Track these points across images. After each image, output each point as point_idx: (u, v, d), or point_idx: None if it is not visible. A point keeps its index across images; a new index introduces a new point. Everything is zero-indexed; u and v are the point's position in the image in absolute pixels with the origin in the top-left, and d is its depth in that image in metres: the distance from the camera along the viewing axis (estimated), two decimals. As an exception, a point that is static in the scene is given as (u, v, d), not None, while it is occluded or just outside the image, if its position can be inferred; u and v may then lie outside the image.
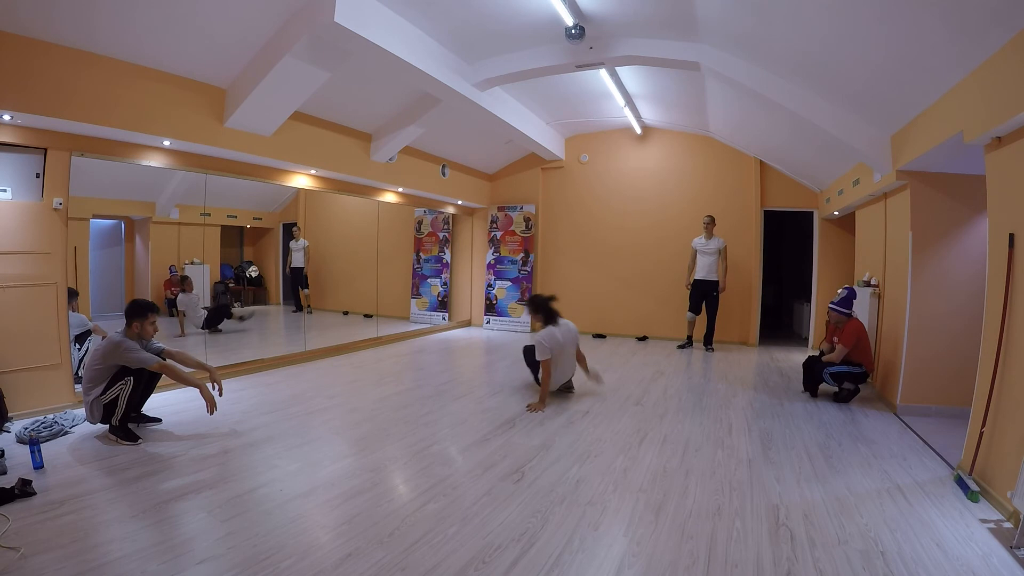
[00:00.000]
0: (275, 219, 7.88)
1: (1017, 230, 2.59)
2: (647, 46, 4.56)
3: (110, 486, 2.62)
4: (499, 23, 4.43)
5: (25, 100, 3.30)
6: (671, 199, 7.85)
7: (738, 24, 3.94)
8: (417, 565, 2.02)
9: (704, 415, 4.10)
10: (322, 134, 5.59)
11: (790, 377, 5.47)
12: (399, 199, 7.43)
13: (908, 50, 3.15)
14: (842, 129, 4.33)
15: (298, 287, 7.83)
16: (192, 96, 4.25)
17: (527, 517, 2.42)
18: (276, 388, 4.64)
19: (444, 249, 8.87)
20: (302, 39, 3.82)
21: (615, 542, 2.23)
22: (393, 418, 3.87)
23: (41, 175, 3.66)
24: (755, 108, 5.32)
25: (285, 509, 2.45)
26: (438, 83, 4.74)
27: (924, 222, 4.07)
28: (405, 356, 6.34)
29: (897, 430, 3.79)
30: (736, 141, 7.23)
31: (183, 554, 2.05)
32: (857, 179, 5.19)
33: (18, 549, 2.03)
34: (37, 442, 2.82)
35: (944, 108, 3.28)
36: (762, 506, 2.57)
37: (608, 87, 6.06)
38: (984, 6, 2.46)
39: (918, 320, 4.08)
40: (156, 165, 4.40)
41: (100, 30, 3.49)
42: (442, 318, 8.78)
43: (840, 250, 6.98)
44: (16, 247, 3.54)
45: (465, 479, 2.83)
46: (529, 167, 8.54)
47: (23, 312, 3.55)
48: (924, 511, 2.53)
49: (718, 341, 7.22)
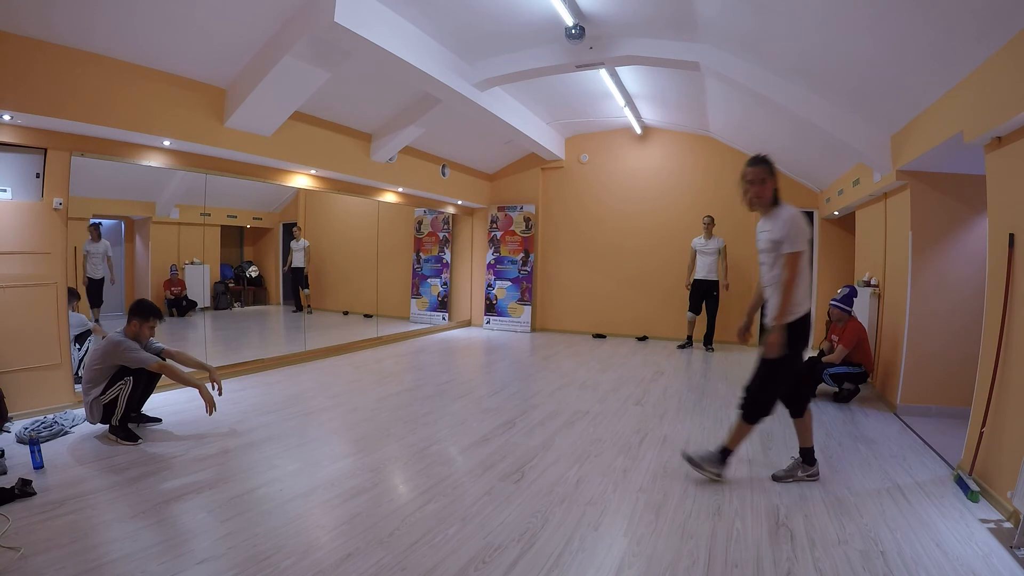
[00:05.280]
0: (275, 219, 7.88)
1: (1017, 230, 2.59)
2: (647, 46, 4.56)
3: (110, 486, 2.62)
4: (499, 23, 4.43)
5: (25, 100, 3.30)
6: (671, 199, 7.84)
7: (738, 24, 3.94)
8: (417, 565, 2.02)
9: (704, 415, 4.10)
10: (322, 134, 5.59)
11: (790, 377, 5.46)
12: (399, 199, 7.43)
13: (908, 50, 3.15)
14: (842, 129, 4.33)
15: (298, 287, 7.84)
16: (192, 96, 4.25)
17: (527, 517, 2.42)
18: (276, 388, 4.64)
19: (444, 249, 8.87)
20: (302, 39, 3.82)
21: (615, 542, 2.23)
22: (393, 418, 3.86)
23: (41, 175, 3.66)
24: (755, 108, 5.32)
25: (285, 509, 2.45)
26: (438, 83, 4.74)
27: (924, 222, 4.07)
28: (405, 356, 6.34)
29: (897, 430, 3.79)
30: (736, 141, 7.23)
31: (183, 554, 2.05)
32: (857, 179, 5.19)
33: (18, 549, 2.03)
34: (37, 442, 2.82)
35: (944, 108, 3.28)
36: (762, 506, 2.57)
37: (608, 87, 6.06)
38: (984, 6, 2.46)
39: (918, 320, 4.08)
40: (156, 165, 4.40)
41: (100, 30, 3.49)
42: (442, 318, 8.78)
43: (840, 250, 6.97)
44: (16, 247, 3.54)
45: (465, 479, 2.83)
46: (529, 167, 8.54)
47: (23, 312, 3.55)
48: (924, 511, 2.53)
49: (718, 341, 7.22)
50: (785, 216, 2.64)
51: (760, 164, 2.69)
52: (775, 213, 2.69)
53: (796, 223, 2.60)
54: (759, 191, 2.69)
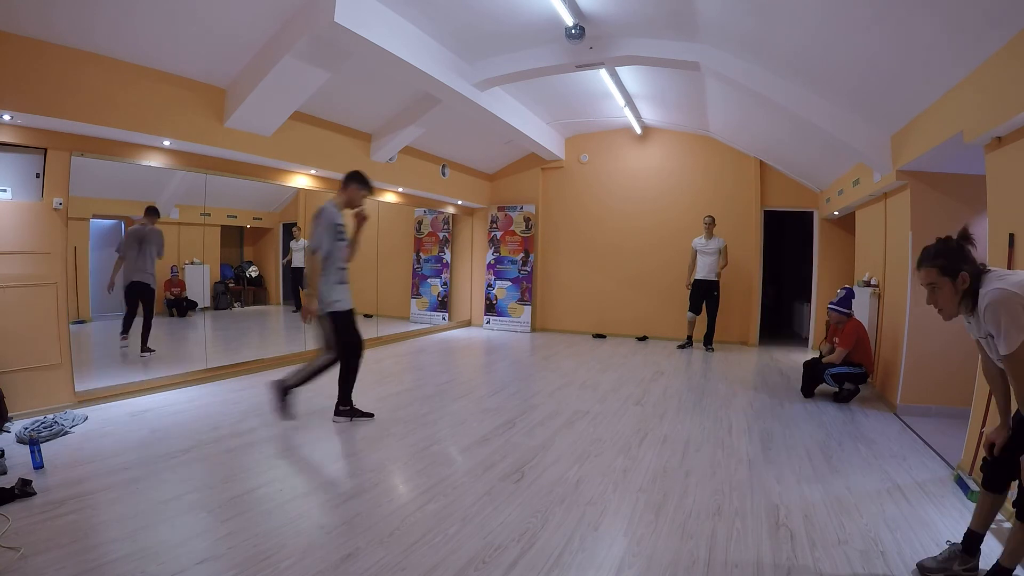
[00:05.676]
0: (275, 219, 7.88)
1: (1017, 230, 2.59)
2: (647, 46, 4.56)
3: (110, 486, 2.62)
4: (499, 23, 4.43)
5: (25, 100, 3.30)
6: (671, 199, 7.85)
7: (738, 24, 3.94)
8: (417, 565, 2.02)
9: (704, 415, 4.10)
10: (322, 134, 5.59)
11: (790, 377, 5.46)
12: (399, 199, 7.43)
13: (908, 50, 3.15)
14: (842, 129, 4.33)
15: (299, 287, 7.83)
16: (192, 96, 4.25)
17: (527, 517, 2.42)
18: (276, 388, 4.63)
19: (444, 249, 8.87)
20: (302, 39, 3.82)
21: (615, 542, 2.23)
22: (393, 418, 3.86)
23: (41, 175, 3.66)
24: (755, 108, 5.32)
25: (285, 509, 2.45)
26: (438, 83, 4.74)
27: (924, 222, 4.07)
28: (405, 356, 6.34)
29: (897, 430, 3.79)
30: (736, 141, 7.23)
31: (183, 554, 2.05)
32: (857, 179, 5.19)
33: (18, 549, 2.02)
34: (37, 442, 2.82)
35: (944, 108, 3.28)
36: (762, 506, 2.56)
37: (608, 87, 6.06)
38: (984, 6, 2.46)
39: (918, 320, 4.08)
40: (156, 165, 4.40)
41: (100, 30, 3.49)
42: (442, 318, 8.78)
43: (840, 250, 6.98)
44: (16, 247, 3.53)
45: (465, 479, 2.83)
46: (529, 167, 8.54)
47: (23, 312, 3.55)
48: (924, 511, 2.53)
49: (718, 341, 7.22)
50: (983, 304, 1.79)
51: (926, 263, 1.92)
52: (979, 305, 1.82)
53: (1000, 307, 1.74)
54: (937, 300, 1.92)
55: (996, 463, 1.96)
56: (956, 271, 1.84)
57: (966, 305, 1.88)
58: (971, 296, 1.85)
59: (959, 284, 1.84)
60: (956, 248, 1.87)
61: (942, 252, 1.88)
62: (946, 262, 1.86)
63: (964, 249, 1.86)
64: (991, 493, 1.98)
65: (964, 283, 1.84)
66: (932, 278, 1.89)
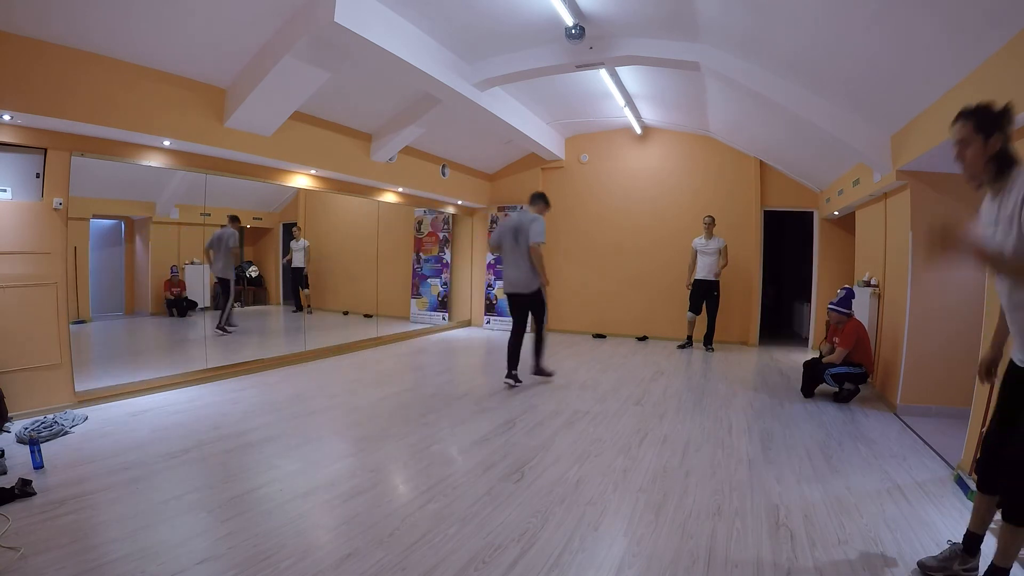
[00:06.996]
0: (275, 219, 7.87)
1: (1017, 230, 2.59)
2: (647, 46, 4.56)
3: (110, 486, 2.62)
4: (499, 23, 4.43)
5: (25, 100, 3.30)
6: (671, 199, 7.84)
7: (738, 24, 3.94)
8: (417, 565, 2.02)
9: (704, 415, 4.10)
10: (322, 134, 5.59)
11: (790, 377, 5.46)
12: (399, 199, 7.43)
13: (908, 50, 3.15)
14: (842, 129, 4.33)
15: (298, 287, 7.84)
16: (192, 96, 4.25)
17: (527, 517, 2.42)
18: (276, 388, 4.64)
19: (444, 249, 8.87)
20: (302, 39, 3.82)
21: (615, 542, 2.23)
22: (393, 418, 3.86)
23: (41, 175, 3.66)
24: (755, 108, 5.32)
25: (285, 509, 2.45)
26: (438, 83, 4.74)
27: (924, 222, 4.07)
28: (405, 356, 6.34)
29: (897, 430, 3.79)
30: (736, 141, 7.23)
31: (183, 554, 2.05)
32: (857, 179, 5.19)
33: (18, 549, 2.03)
34: (37, 442, 2.82)
35: (944, 108, 3.28)
36: (762, 506, 2.56)
37: (608, 87, 6.05)
38: (984, 6, 2.46)
39: (918, 320, 4.08)
40: (156, 165, 4.40)
41: (100, 30, 3.49)
42: (442, 318, 8.78)
43: (840, 250, 6.97)
44: (16, 247, 3.54)
45: (465, 479, 2.83)
46: (529, 167, 8.53)
47: (23, 312, 3.55)
48: (924, 511, 2.53)
49: (718, 341, 7.22)
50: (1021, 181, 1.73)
51: (963, 117, 1.89)
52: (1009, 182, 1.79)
53: None
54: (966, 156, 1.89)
55: (988, 464, 1.97)
56: (990, 132, 1.81)
57: (990, 173, 1.85)
58: (996, 165, 1.82)
59: (990, 146, 1.81)
60: (997, 114, 1.83)
61: (981, 110, 1.86)
62: (983, 119, 1.84)
63: (1004, 120, 1.82)
64: (986, 495, 1.99)
65: (995, 146, 1.81)
66: (965, 133, 1.87)
